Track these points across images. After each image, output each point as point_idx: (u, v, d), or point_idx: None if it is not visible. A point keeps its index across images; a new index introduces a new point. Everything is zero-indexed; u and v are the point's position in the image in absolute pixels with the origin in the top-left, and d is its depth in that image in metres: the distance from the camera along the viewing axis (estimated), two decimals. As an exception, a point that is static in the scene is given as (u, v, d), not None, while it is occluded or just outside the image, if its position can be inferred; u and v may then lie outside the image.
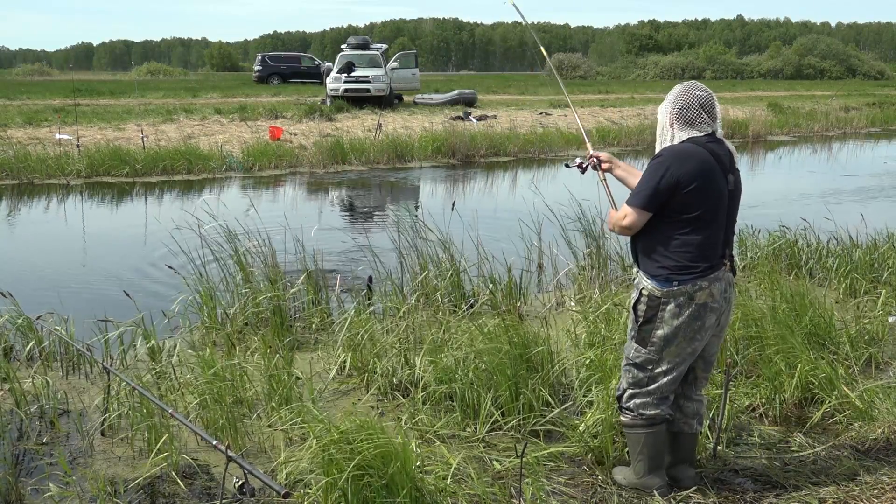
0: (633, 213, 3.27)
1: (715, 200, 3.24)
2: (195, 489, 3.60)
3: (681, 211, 3.21)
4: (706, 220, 3.22)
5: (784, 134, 23.63)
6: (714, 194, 3.23)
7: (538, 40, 4.49)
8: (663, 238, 3.26)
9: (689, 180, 3.17)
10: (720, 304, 3.28)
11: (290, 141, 17.60)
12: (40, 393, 4.47)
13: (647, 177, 3.25)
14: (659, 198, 3.21)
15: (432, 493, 3.30)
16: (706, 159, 3.21)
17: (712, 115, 3.29)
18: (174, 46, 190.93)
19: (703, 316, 3.25)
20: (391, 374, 4.61)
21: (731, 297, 3.39)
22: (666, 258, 3.25)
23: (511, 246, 7.36)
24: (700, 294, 3.22)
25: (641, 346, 3.33)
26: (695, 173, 3.18)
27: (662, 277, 3.25)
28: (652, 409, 3.37)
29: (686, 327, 3.25)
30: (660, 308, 3.26)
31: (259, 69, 42.55)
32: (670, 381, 3.35)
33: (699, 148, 3.22)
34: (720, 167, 3.24)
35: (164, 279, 7.15)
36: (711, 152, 3.23)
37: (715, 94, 3.34)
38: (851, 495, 3.48)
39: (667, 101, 3.34)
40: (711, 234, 3.24)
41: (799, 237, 7.36)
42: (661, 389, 3.36)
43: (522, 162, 17.24)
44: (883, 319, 5.46)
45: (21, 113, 21.46)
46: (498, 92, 38.27)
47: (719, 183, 3.23)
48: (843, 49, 78.09)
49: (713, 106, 3.30)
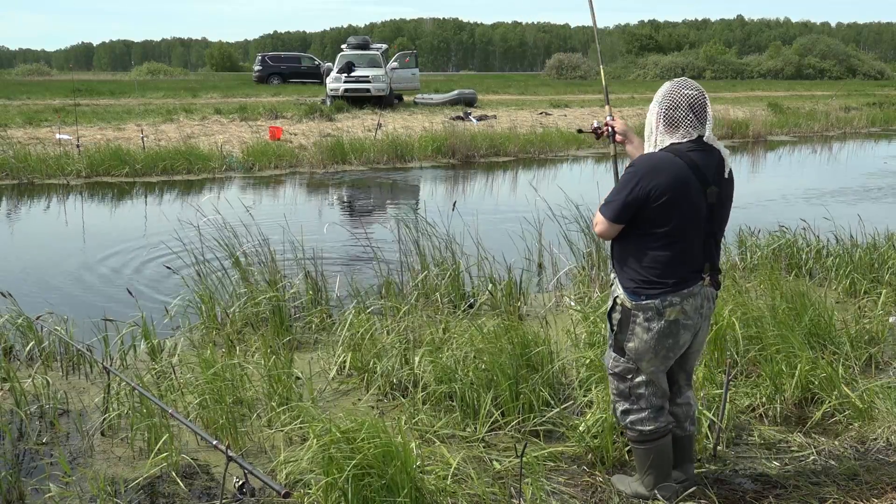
0: (603, 223, 3.18)
1: (688, 215, 3.08)
2: (195, 489, 3.60)
3: (651, 224, 3.09)
4: (677, 235, 3.09)
5: (784, 134, 23.62)
6: (687, 209, 3.07)
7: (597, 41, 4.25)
8: (634, 250, 3.16)
9: (660, 194, 3.03)
10: (695, 320, 3.18)
11: (290, 141, 17.60)
12: (40, 393, 4.48)
13: (618, 187, 3.14)
14: (628, 211, 3.10)
15: (432, 493, 3.31)
16: (680, 172, 3.05)
17: (701, 117, 3.12)
18: (174, 46, 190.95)
19: (675, 333, 3.15)
20: (391, 374, 4.61)
21: (709, 313, 3.26)
22: (635, 271, 3.15)
23: (511, 246, 7.36)
24: (670, 310, 3.11)
25: (619, 354, 3.27)
26: (665, 187, 3.03)
27: (631, 290, 3.16)
28: (650, 423, 3.29)
29: (657, 343, 3.16)
30: (630, 319, 3.18)
31: (259, 69, 42.59)
32: (654, 391, 3.28)
33: (675, 159, 3.07)
34: (698, 180, 3.07)
35: (164, 279, 7.15)
36: (690, 163, 3.07)
37: (712, 94, 3.21)
38: (851, 495, 3.48)
39: (655, 98, 3.19)
40: (684, 249, 3.11)
41: (799, 237, 7.36)
42: (650, 402, 3.28)
43: (522, 162, 17.23)
44: (883, 319, 5.45)
45: (21, 113, 21.47)
46: (498, 92, 38.30)
47: (693, 197, 3.07)
48: (843, 49, 78.05)
49: (703, 107, 3.12)
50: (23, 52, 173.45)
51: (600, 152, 18.97)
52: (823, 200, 11.60)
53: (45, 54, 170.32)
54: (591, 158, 18.05)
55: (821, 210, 8.71)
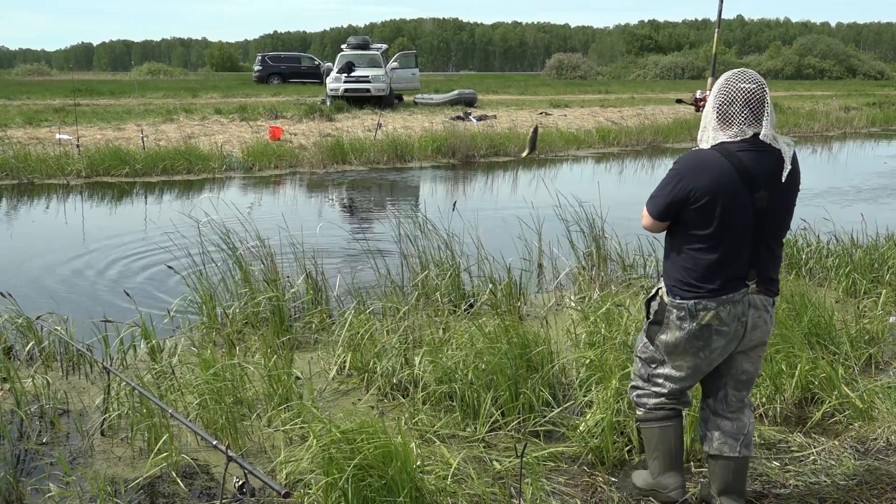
0: (647, 218, 3.13)
1: (730, 220, 2.94)
2: (195, 489, 3.60)
3: (691, 226, 3.00)
4: (717, 239, 2.96)
5: (784, 134, 23.50)
6: (729, 214, 2.93)
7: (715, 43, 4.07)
8: (676, 248, 3.10)
9: (700, 195, 2.92)
10: (732, 327, 3.04)
11: (290, 141, 17.60)
12: (40, 393, 4.48)
13: (661, 184, 3.07)
14: (670, 209, 3.02)
15: (432, 493, 3.31)
16: (725, 173, 2.91)
17: (758, 114, 2.92)
18: (174, 46, 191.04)
19: (707, 337, 3.06)
20: (391, 374, 4.61)
21: (757, 321, 3.07)
22: (675, 270, 3.09)
23: (511, 246, 7.36)
24: (703, 314, 3.02)
25: (649, 342, 3.25)
26: (706, 188, 2.91)
27: (669, 286, 3.12)
28: (653, 398, 3.28)
29: (687, 343, 3.10)
30: (665, 314, 3.14)
31: (259, 69, 42.61)
32: (673, 381, 3.25)
33: (722, 159, 2.92)
34: (745, 183, 2.91)
35: (164, 279, 7.15)
36: (738, 164, 2.91)
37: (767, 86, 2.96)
38: (851, 495, 3.48)
39: (713, 90, 3.05)
40: (725, 254, 2.98)
41: (799, 237, 7.36)
42: (660, 384, 3.27)
43: (523, 162, 17.23)
44: (883, 319, 5.45)
45: (21, 113, 21.48)
46: (498, 92, 38.31)
47: (739, 200, 2.92)
48: (843, 49, 78.13)
49: (761, 102, 2.91)
50: (23, 52, 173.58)
51: (600, 152, 18.98)
52: (823, 200, 11.60)
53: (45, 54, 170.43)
54: (591, 158, 18.05)
55: (821, 210, 8.70)
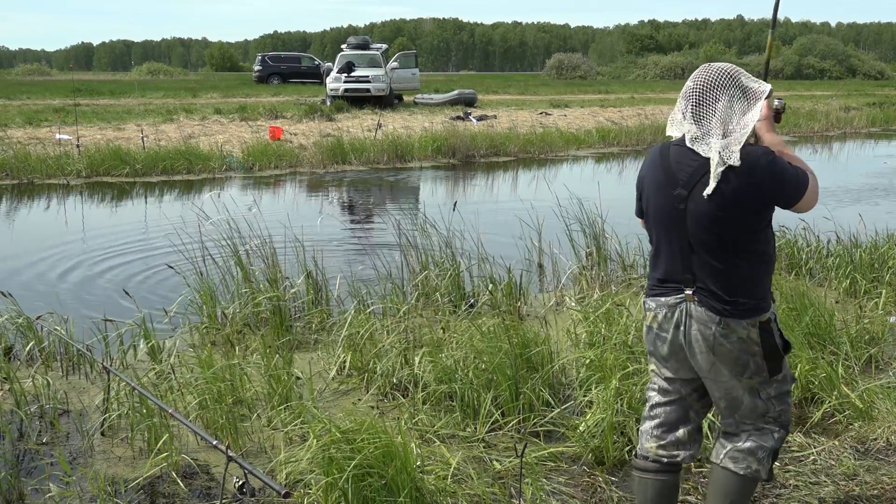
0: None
1: (656, 215, 2.79)
2: (195, 489, 3.60)
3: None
4: (651, 233, 2.86)
5: (784, 134, 23.62)
6: (655, 207, 2.79)
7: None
8: None
9: (639, 187, 2.89)
10: (671, 335, 2.79)
11: (290, 141, 17.60)
12: (40, 393, 4.48)
13: None
14: (637, 204, 2.94)
15: (432, 493, 3.30)
16: (655, 166, 2.80)
17: (694, 113, 2.69)
18: (174, 46, 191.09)
19: (651, 340, 2.87)
20: (391, 374, 4.61)
21: (700, 337, 2.72)
22: None
23: (511, 245, 7.36)
24: (647, 313, 2.87)
25: None
26: (641, 180, 2.87)
27: None
28: (640, 440, 3.03)
29: (647, 344, 2.95)
30: None
31: (259, 69, 42.61)
32: (655, 402, 2.98)
33: (657, 152, 2.82)
34: (666, 176, 2.73)
35: (164, 279, 7.15)
36: (664, 157, 2.76)
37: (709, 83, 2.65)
38: (851, 495, 3.48)
39: None
40: (658, 251, 2.83)
41: (799, 237, 7.36)
42: (648, 413, 3.02)
43: (522, 162, 17.23)
44: (883, 319, 5.45)
45: (21, 113, 21.47)
46: (498, 92, 38.31)
47: (660, 196, 2.75)
48: (842, 49, 78.09)
49: (697, 102, 2.68)
50: (23, 52, 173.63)
51: (600, 152, 18.98)
52: (824, 200, 11.56)
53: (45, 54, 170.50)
54: (591, 158, 18.05)
55: (821, 210, 8.69)
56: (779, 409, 2.85)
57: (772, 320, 2.76)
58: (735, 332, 2.69)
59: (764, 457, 2.84)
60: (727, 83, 2.69)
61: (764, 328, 2.72)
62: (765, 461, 2.85)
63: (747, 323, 2.70)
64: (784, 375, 2.85)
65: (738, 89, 2.69)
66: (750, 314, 2.70)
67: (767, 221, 2.73)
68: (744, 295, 2.69)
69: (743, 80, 2.71)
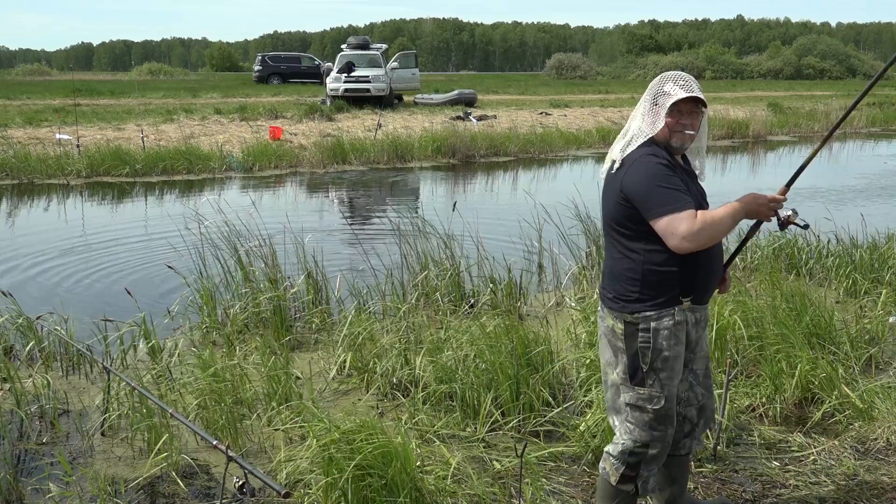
0: None
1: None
2: (195, 489, 3.60)
3: None
4: None
5: (784, 134, 23.64)
6: None
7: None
8: None
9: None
10: (601, 336, 2.98)
11: (290, 141, 17.60)
12: (40, 393, 4.48)
13: None
14: None
15: (432, 493, 3.31)
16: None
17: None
18: (174, 46, 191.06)
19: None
20: (391, 374, 4.61)
21: (603, 331, 2.95)
22: None
23: (511, 246, 7.36)
24: None
25: None
26: None
27: None
28: None
29: None
30: None
31: (259, 69, 42.57)
32: None
33: None
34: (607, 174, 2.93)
35: (165, 279, 7.15)
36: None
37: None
38: (851, 495, 3.48)
39: None
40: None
41: (799, 237, 7.36)
42: None
43: (523, 162, 17.23)
44: (883, 319, 5.45)
45: (21, 113, 21.46)
46: (498, 92, 38.27)
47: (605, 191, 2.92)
48: (842, 49, 78.08)
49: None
50: (23, 52, 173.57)
51: (600, 152, 18.97)
52: (823, 200, 11.59)
53: (45, 54, 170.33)
54: (592, 158, 18.05)
55: (821, 210, 8.70)
56: (632, 418, 2.89)
57: (649, 329, 2.79)
58: (605, 319, 2.91)
59: (613, 461, 2.93)
60: (649, 91, 2.83)
61: (631, 327, 2.82)
62: (616, 465, 2.91)
63: (614, 315, 2.87)
64: (648, 395, 2.84)
65: (651, 95, 2.82)
66: (616, 306, 2.85)
67: (634, 221, 2.76)
68: (610, 287, 2.89)
69: (662, 87, 2.79)
